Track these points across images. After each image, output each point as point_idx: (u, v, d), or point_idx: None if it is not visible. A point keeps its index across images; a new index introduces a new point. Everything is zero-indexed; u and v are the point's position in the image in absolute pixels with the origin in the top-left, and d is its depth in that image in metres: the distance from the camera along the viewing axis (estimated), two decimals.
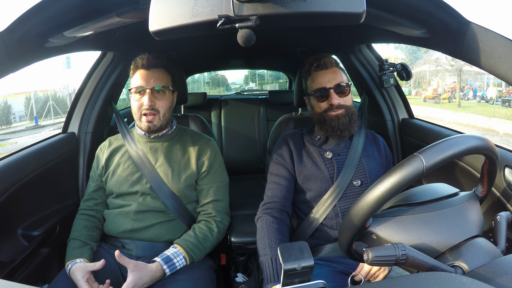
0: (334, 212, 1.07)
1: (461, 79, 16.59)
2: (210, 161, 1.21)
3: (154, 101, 1.12)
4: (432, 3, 0.75)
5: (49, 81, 26.96)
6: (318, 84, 1.12)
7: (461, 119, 13.07)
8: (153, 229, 1.12)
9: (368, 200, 0.59)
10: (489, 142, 0.61)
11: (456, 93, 16.42)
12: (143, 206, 1.13)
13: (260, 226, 1.06)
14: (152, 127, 1.14)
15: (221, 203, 1.20)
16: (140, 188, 1.14)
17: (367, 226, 0.67)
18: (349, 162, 1.11)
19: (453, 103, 16.60)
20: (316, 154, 1.14)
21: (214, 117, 2.56)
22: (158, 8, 0.61)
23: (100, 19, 0.86)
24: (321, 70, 1.13)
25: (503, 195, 0.99)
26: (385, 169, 1.18)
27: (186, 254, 1.06)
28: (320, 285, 0.54)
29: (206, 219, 1.16)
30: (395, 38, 1.11)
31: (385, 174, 0.59)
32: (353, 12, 0.57)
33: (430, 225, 0.62)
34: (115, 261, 1.12)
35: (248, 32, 0.59)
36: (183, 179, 1.16)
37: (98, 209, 1.20)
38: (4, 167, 1.08)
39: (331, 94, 1.10)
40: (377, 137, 1.24)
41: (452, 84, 17.56)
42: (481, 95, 16.55)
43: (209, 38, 1.61)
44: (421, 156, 0.56)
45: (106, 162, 1.22)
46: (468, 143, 0.57)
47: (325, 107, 1.11)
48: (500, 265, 0.49)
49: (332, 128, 1.10)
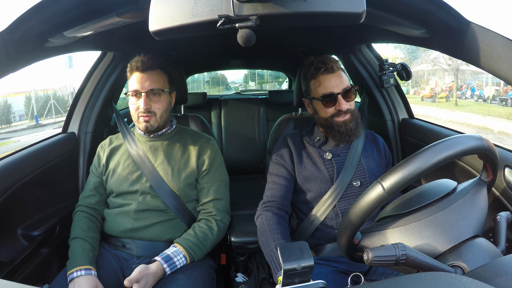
0: (334, 212, 1.07)
1: (458, 78, 16.56)
2: (210, 159, 1.21)
3: (150, 104, 1.13)
4: (432, 3, 0.75)
5: (50, 80, 26.91)
6: (326, 89, 1.09)
7: (457, 118, 13.05)
8: (153, 228, 1.12)
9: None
10: (443, 156, 0.57)
11: (453, 92, 16.41)
12: (143, 205, 1.13)
13: (260, 223, 1.06)
14: (149, 127, 1.15)
15: (222, 202, 1.20)
16: (140, 187, 1.14)
17: (356, 242, 0.67)
18: (348, 162, 1.11)
19: (450, 102, 16.56)
20: (316, 155, 1.14)
21: (214, 117, 2.56)
22: (158, 8, 0.61)
23: (100, 19, 0.86)
24: (328, 73, 1.10)
25: (503, 195, 0.99)
26: (384, 169, 1.18)
27: (186, 253, 1.06)
28: (320, 285, 0.55)
29: (206, 218, 1.16)
30: (395, 38, 1.11)
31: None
32: (353, 12, 0.57)
33: (434, 227, 0.62)
34: (116, 261, 1.12)
35: (248, 32, 0.59)
36: (183, 177, 1.16)
37: (99, 208, 1.20)
38: (4, 167, 1.08)
39: (340, 100, 1.08)
40: (377, 137, 1.24)
41: (450, 83, 17.51)
42: (479, 94, 16.52)
43: (209, 38, 1.61)
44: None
45: (106, 160, 1.22)
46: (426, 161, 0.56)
47: (332, 113, 1.09)
48: (500, 265, 0.49)
49: (340, 134, 1.09)
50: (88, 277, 0.98)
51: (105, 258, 1.11)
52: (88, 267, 1.01)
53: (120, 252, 1.14)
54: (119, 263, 1.12)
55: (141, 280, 0.94)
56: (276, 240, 0.96)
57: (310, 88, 1.16)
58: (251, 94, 3.26)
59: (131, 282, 0.92)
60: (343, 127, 1.08)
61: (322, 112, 1.12)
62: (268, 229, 1.01)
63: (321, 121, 1.14)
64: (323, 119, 1.13)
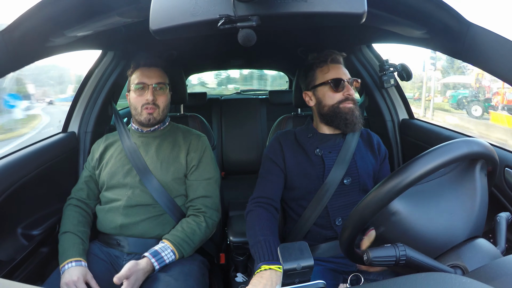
0: (325, 211, 1.07)
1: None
2: (199, 155, 1.22)
3: (155, 97, 1.18)
4: (432, 4, 0.75)
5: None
6: (335, 75, 1.12)
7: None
8: (142, 225, 1.13)
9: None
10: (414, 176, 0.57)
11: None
12: (132, 200, 1.14)
13: (250, 218, 1.05)
14: (152, 119, 1.19)
15: (210, 200, 1.20)
16: (130, 180, 1.16)
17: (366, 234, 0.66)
18: (340, 160, 1.10)
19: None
20: (307, 152, 1.13)
21: (214, 117, 2.56)
22: (159, 7, 0.61)
23: (101, 19, 0.86)
24: (336, 63, 1.14)
25: (503, 195, 0.99)
26: (378, 167, 1.18)
27: (174, 248, 1.06)
28: (320, 285, 0.54)
29: (194, 214, 1.17)
30: (396, 38, 1.11)
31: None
32: (354, 13, 0.57)
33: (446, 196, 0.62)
34: (108, 258, 1.13)
35: (248, 32, 0.59)
36: (171, 171, 1.18)
37: (89, 203, 1.22)
38: (4, 167, 1.08)
39: (348, 86, 1.10)
40: (371, 134, 1.24)
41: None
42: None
43: (209, 38, 1.61)
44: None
45: (100, 155, 1.25)
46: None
47: (339, 99, 1.10)
48: (500, 265, 0.49)
49: (345, 121, 1.09)
50: (78, 267, 1.01)
51: (97, 256, 1.12)
52: (78, 258, 1.03)
53: (111, 249, 1.15)
54: (110, 261, 1.13)
55: (130, 277, 0.94)
56: (265, 235, 0.96)
57: (316, 76, 1.16)
58: (251, 94, 3.26)
59: (120, 279, 0.92)
60: (350, 114, 1.09)
61: (328, 99, 1.12)
62: (258, 224, 1.01)
63: (325, 110, 1.13)
64: (328, 106, 1.12)
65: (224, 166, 2.47)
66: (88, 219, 1.20)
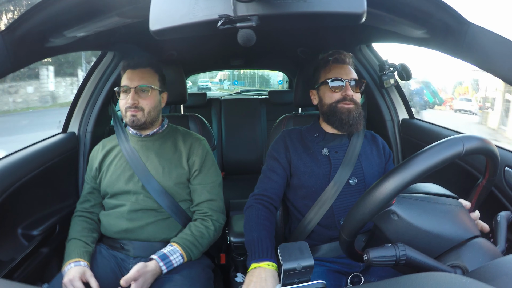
0: (330, 210, 1.07)
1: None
2: (201, 160, 1.21)
3: (138, 100, 1.14)
4: (432, 4, 0.75)
5: None
6: (336, 74, 1.12)
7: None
8: (148, 229, 1.13)
9: (375, 197, 0.59)
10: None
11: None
12: (136, 205, 1.13)
13: (249, 213, 1.05)
14: (136, 121, 1.15)
15: (216, 203, 1.20)
16: (133, 186, 1.15)
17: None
18: (346, 160, 1.10)
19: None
20: (313, 151, 1.13)
21: (214, 117, 2.56)
22: (159, 7, 0.61)
23: (101, 19, 0.86)
24: (339, 63, 1.14)
25: (503, 195, 0.99)
26: (383, 168, 1.18)
27: (183, 251, 1.06)
28: (320, 285, 0.55)
29: (201, 218, 1.17)
30: (396, 38, 1.11)
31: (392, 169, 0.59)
32: (354, 12, 0.57)
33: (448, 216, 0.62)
34: (115, 261, 1.12)
35: (248, 32, 0.59)
36: (173, 176, 1.17)
37: (94, 211, 1.21)
38: (4, 167, 1.08)
39: (347, 86, 1.10)
40: (376, 137, 1.24)
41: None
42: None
43: (209, 38, 1.61)
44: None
45: (100, 164, 1.22)
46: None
47: (338, 98, 1.10)
48: (500, 265, 0.49)
49: (341, 121, 1.09)
50: (76, 267, 1.01)
51: (104, 258, 1.12)
52: (77, 259, 1.03)
53: (117, 252, 1.14)
54: (117, 264, 1.13)
55: (139, 279, 0.94)
56: (259, 232, 0.97)
57: (320, 76, 1.17)
58: (251, 94, 3.26)
59: (127, 281, 0.92)
60: (346, 114, 1.08)
61: (327, 98, 1.13)
62: (256, 221, 1.01)
63: (325, 109, 1.14)
64: (327, 105, 1.12)
65: (224, 166, 2.47)
66: (94, 225, 1.19)
